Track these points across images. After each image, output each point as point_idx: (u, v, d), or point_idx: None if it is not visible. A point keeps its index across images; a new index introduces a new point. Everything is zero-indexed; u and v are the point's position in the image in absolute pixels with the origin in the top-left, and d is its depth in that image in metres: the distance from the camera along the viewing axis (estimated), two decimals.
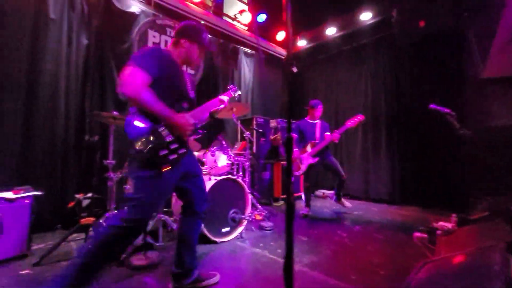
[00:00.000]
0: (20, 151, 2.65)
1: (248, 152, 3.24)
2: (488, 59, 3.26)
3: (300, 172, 3.50)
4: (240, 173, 3.10)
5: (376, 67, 4.76)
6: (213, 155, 2.78)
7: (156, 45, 1.54)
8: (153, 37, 3.88)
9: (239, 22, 5.06)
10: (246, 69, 5.29)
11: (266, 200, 4.21)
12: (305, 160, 3.47)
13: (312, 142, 3.53)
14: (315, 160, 3.47)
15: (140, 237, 2.12)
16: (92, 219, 2.31)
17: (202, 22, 4.44)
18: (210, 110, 1.70)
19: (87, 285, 1.23)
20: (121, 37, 3.48)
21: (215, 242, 2.39)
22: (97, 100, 3.21)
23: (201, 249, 2.24)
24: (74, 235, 2.39)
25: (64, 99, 2.95)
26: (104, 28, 3.31)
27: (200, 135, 1.58)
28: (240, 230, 2.61)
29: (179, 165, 1.44)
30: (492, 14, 3.26)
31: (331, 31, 5.25)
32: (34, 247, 2.27)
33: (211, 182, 2.42)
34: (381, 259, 2.10)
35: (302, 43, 5.81)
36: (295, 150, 3.46)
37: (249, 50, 5.36)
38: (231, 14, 5.03)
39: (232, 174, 2.89)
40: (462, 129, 2.51)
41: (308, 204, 3.60)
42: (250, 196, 2.79)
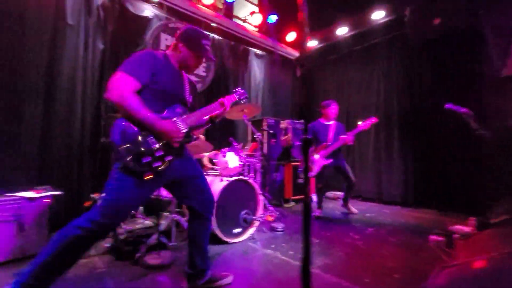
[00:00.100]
0: (38, 153, 2.74)
1: (259, 153, 3.25)
2: (509, 57, 3.15)
3: (313, 174, 3.46)
4: (252, 174, 3.11)
5: (388, 67, 4.68)
6: (224, 156, 2.80)
7: (150, 49, 1.50)
8: (166, 40, 3.96)
9: (250, 24, 5.08)
10: (257, 71, 5.31)
11: (277, 202, 4.20)
12: (318, 162, 3.44)
13: (324, 144, 3.50)
14: (329, 162, 3.44)
15: (154, 237, 2.17)
16: None
17: (213, 25, 4.50)
18: (209, 115, 1.65)
19: (46, 286, 1.19)
20: (135, 41, 3.57)
21: (227, 243, 2.41)
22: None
23: (213, 250, 2.26)
24: None
25: (81, 103, 3.04)
26: (119, 33, 3.40)
27: (194, 140, 1.55)
28: (252, 231, 2.62)
29: (165, 173, 1.38)
30: (509, 11, 3.15)
31: (342, 31, 5.20)
32: None
33: (223, 183, 2.44)
34: (395, 263, 2.06)
35: (313, 44, 5.77)
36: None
37: (260, 51, 5.38)
38: (242, 16, 5.07)
39: (243, 175, 2.90)
40: (480, 129, 2.44)
41: (320, 206, 3.57)
42: (262, 197, 2.79)
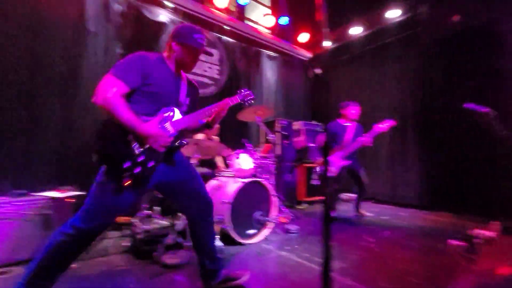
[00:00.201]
0: (59, 154, 2.86)
1: (273, 155, 3.26)
2: None
3: (332, 175, 3.42)
4: (265, 176, 3.12)
5: (403, 66, 4.56)
6: (238, 158, 2.83)
7: (142, 51, 1.43)
8: None
9: (262, 26, 5.11)
10: (269, 72, 5.33)
11: (290, 203, 4.19)
12: (336, 162, 3.40)
13: (341, 145, 3.44)
14: (348, 163, 3.38)
15: (171, 237, 2.22)
16: (127, 218, 2.45)
17: (227, 28, 4.56)
18: (203, 118, 1.56)
19: None
20: (151, 46, 3.67)
21: (241, 244, 2.43)
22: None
23: (228, 250, 2.29)
24: (110, 233, 2.54)
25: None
26: (136, 38, 3.51)
27: (184, 145, 1.48)
28: (266, 233, 2.64)
29: (147, 178, 1.34)
30: None
31: (355, 31, 5.14)
32: None
33: (237, 184, 2.47)
34: (413, 267, 2.02)
35: (326, 44, 5.73)
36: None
37: (272, 53, 5.39)
38: (254, 19, 5.10)
39: (257, 177, 2.92)
40: (503, 130, 2.34)
41: (335, 207, 3.53)
42: (275, 199, 2.80)
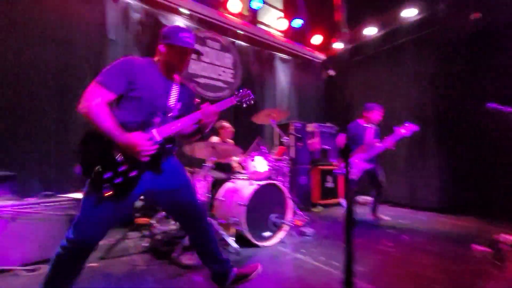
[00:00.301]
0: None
1: (287, 157, 3.26)
2: None
3: (353, 177, 3.36)
4: (280, 178, 3.13)
5: (420, 66, 4.45)
6: (253, 160, 2.85)
7: (129, 56, 1.46)
8: None
9: (275, 29, 5.14)
10: (282, 75, 5.35)
11: (304, 206, 4.16)
12: (358, 165, 3.32)
13: (363, 147, 3.35)
14: (371, 166, 3.32)
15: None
16: (146, 219, 2.52)
17: (240, 32, 4.63)
18: (192, 123, 1.47)
19: None
20: None
21: (257, 246, 2.44)
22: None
23: (244, 253, 2.31)
24: (130, 233, 2.63)
25: None
26: (153, 44, 3.61)
27: (172, 151, 1.44)
28: (282, 235, 2.64)
29: (129, 189, 1.29)
30: None
31: (370, 31, 5.07)
32: None
33: (253, 187, 2.49)
34: (435, 273, 1.96)
35: (340, 45, 5.68)
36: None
37: (285, 56, 5.41)
38: (267, 22, 5.14)
39: (271, 179, 2.93)
40: None
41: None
42: (291, 202, 2.80)
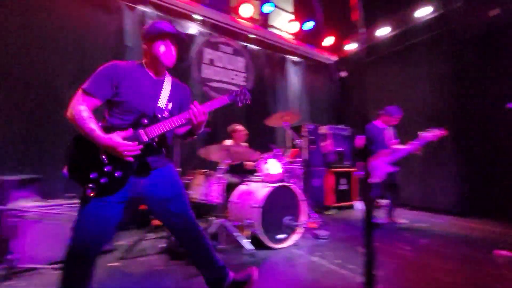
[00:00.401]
0: None
1: (300, 160, 3.26)
2: None
3: (377, 180, 3.31)
4: (293, 180, 3.13)
5: (435, 66, 4.36)
6: (266, 163, 2.87)
7: (113, 61, 1.45)
8: (208, 54, 4.22)
9: (287, 32, 5.17)
10: (294, 77, 5.36)
11: (318, 209, 4.14)
12: (381, 168, 3.28)
13: (388, 150, 3.31)
14: (395, 170, 3.27)
15: None
16: None
17: (252, 36, 4.68)
18: (180, 122, 1.40)
19: None
20: (182, 56, 3.87)
21: (271, 248, 2.45)
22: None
23: (259, 255, 2.32)
24: (148, 235, 2.69)
25: None
26: None
27: (160, 152, 1.42)
28: (296, 238, 2.64)
29: (115, 190, 1.27)
30: None
31: (383, 31, 5.01)
32: (115, 244, 2.62)
33: (267, 189, 2.51)
34: (454, 278, 1.91)
35: (352, 47, 5.64)
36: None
37: (297, 58, 5.43)
38: (278, 26, 5.18)
39: (285, 182, 2.94)
40: None
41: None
42: (304, 204, 2.80)
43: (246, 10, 4.40)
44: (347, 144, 4.82)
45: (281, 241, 2.55)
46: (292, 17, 5.16)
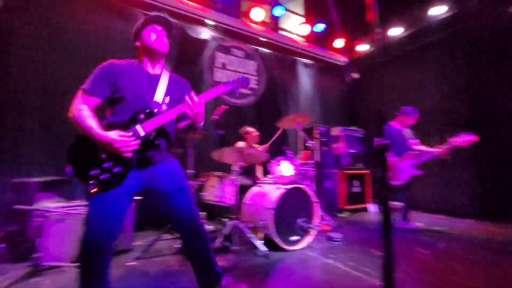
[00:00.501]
0: None
1: (312, 162, 3.25)
2: None
3: (398, 183, 3.25)
4: (306, 182, 3.13)
5: (449, 66, 4.25)
6: (279, 165, 2.89)
7: (110, 59, 1.43)
8: (220, 58, 4.29)
9: (298, 35, 5.18)
10: (305, 79, 5.36)
11: (330, 211, 4.11)
12: (405, 171, 3.23)
13: (413, 153, 3.25)
14: (419, 173, 3.21)
15: (219, 240, 2.34)
16: None
17: (264, 39, 4.73)
18: (176, 114, 1.41)
19: None
20: (195, 61, 3.97)
21: (285, 250, 2.45)
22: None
23: (272, 256, 2.32)
24: (164, 235, 2.75)
25: None
26: (181, 55, 3.82)
27: (157, 146, 1.42)
28: (310, 240, 2.63)
29: (117, 183, 1.30)
30: None
31: (396, 32, 4.94)
32: (133, 244, 2.69)
33: (280, 191, 2.52)
34: (477, 283, 1.86)
35: (364, 47, 5.59)
36: (393, 159, 3.24)
37: (308, 60, 5.43)
38: (289, 28, 5.20)
39: (297, 183, 2.94)
40: None
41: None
42: (318, 206, 2.79)
43: (257, 14, 4.45)
44: (360, 146, 4.77)
45: (295, 243, 2.55)
46: (303, 20, 5.17)
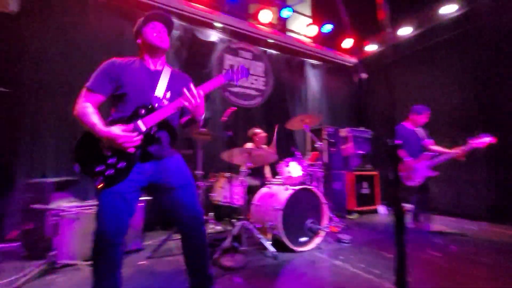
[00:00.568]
0: None
1: (320, 163, 3.24)
2: None
3: (414, 184, 3.21)
4: (314, 183, 3.12)
5: (461, 66, 4.16)
6: (287, 166, 2.89)
7: (113, 57, 1.47)
8: (228, 60, 4.33)
9: (305, 36, 5.18)
10: (313, 80, 5.35)
11: (339, 213, 4.08)
12: (421, 172, 3.20)
13: (430, 154, 3.22)
14: (435, 174, 3.18)
15: (228, 240, 2.36)
16: None
17: (271, 41, 4.75)
18: (173, 109, 1.39)
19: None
20: (203, 63, 4.02)
21: (293, 251, 2.45)
22: None
23: (281, 257, 2.33)
24: (174, 235, 2.78)
25: None
26: (191, 58, 3.88)
27: (159, 140, 1.42)
28: (318, 241, 2.62)
29: (122, 178, 1.32)
30: None
31: (405, 31, 4.87)
32: (143, 243, 2.74)
33: (289, 192, 2.52)
34: (492, 286, 1.82)
35: (373, 48, 5.53)
36: (409, 159, 3.22)
37: (316, 61, 5.42)
38: (296, 30, 5.21)
39: (306, 185, 2.93)
40: None
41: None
42: (326, 207, 2.78)
43: (265, 16, 4.47)
44: (368, 147, 4.72)
45: (303, 244, 2.55)
46: (310, 21, 5.16)
